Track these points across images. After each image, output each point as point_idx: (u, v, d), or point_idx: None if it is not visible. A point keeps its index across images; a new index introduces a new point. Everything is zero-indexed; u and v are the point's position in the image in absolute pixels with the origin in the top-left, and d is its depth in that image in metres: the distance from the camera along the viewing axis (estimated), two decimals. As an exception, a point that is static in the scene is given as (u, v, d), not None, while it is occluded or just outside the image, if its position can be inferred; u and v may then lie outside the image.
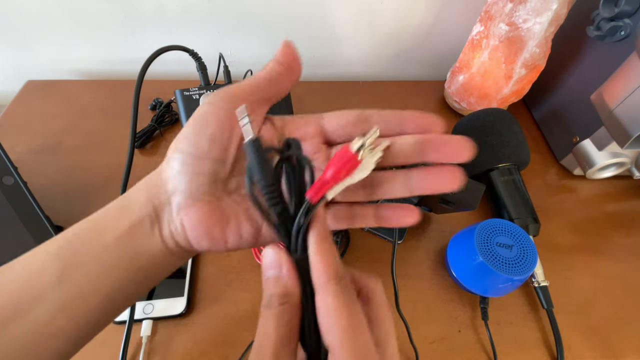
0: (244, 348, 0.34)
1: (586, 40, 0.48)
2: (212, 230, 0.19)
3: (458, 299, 0.39)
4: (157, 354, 0.34)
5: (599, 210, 0.49)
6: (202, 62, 0.41)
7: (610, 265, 0.43)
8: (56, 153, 0.49)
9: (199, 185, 0.19)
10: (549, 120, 0.56)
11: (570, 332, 0.37)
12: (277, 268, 0.18)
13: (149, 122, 0.53)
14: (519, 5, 0.45)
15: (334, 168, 0.18)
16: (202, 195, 0.19)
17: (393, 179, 0.21)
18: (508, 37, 0.47)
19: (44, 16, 0.55)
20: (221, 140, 0.19)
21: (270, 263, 0.18)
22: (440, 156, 0.19)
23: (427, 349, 0.36)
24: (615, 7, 0.41)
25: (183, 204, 0.19)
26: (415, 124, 0.20)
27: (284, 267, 0.18)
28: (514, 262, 0.34)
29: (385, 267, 0.40)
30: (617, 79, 0.41)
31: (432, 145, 0.19)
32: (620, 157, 0.46)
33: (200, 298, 0.37)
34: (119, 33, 0.58)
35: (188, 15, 0.57)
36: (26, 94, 0.57)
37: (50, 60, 0.61)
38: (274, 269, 0.18)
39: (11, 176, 0.36)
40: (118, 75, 0.63)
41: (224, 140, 0.19)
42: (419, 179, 0.20)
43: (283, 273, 0.18)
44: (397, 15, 0.60)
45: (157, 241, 0.19)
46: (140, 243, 0.19)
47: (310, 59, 0.64)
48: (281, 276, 0.18)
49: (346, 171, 0.18)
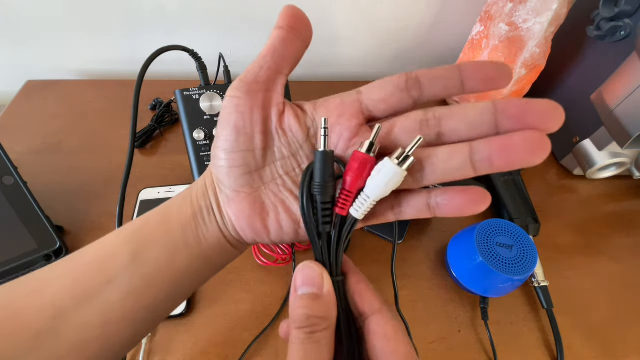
0: (244, 348, 0.34)
1: (586, 40, 0.48)
2: (253, 222, 0.20)
3: (458, 299, 0.39)
4: (157, 354, 0.34)
5: (599, 210, 0.49)
6: (202, 62, 0.41)
7: (610, 265, 0.43)
8: (56, 153, 0.49)
9: (236, 178, 0.20)
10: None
11: (570, 332, 0.37)
12: (317, 286, 0.17)
13: (149, 122, 0.53)
14: (519, 5, 0.45)
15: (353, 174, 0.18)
16: (241, 188, 0.20)
17: (450, 156, 0.17)
18: (508, 37, 0.47)
19: (44, 16, 0.55)
20: (244, 130, 0.19)
21: (307, 279, 0.18)
22: (522, 126, 0.16)
23: (427, 349, 0.36)
24: (615, 7, 0.41)
25: (228, 196, 0.20)
26: (479, 78, 0.17)
27: (326, 286, 0.17)
28: (514, 262, 0.34)
29: (385, 267, 0.40)
30: (617, 79, 0.41)
31: (508, 112, 0.16)
32: (620, 157, 0.46)
33: (200, 298, 0.37)
34: (119, 33, 0.58)
35: (188, 15, 0.57)
36: (26, 94, 0.57)
37: (50, 60, 0.61)
38: (312, 286, 0.17)
39: (11, 176, 0.36)
40: (118, 75, 0.63)
41: (247, 129, 0.19)
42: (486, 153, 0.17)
43: (325, 292, 0.17)
44: (397, 15, 0.60)
45: (215, 229, 0.20)
46: (200, 230, 0.20)
47: (310, 59, 0.64)
48: (322, 295, 0.17)
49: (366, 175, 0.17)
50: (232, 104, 0.19)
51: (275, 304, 0.37)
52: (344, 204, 0.18)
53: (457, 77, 0.17)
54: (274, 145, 0.20)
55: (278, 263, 0.39)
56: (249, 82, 0.19)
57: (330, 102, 0.20)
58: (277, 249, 0.39)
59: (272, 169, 0.20)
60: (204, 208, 0.21)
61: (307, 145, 0.21)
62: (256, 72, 0.19)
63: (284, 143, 0.20)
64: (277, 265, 0.39)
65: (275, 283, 0.39)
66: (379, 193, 0.17)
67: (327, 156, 0.18)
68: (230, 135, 0.19)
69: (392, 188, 0.17)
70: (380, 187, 0.17)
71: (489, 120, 0.17)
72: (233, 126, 0.19)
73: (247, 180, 0.20)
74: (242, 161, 0.19)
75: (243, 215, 0.20)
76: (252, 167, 0.20)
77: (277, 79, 0.20)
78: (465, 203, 0.17)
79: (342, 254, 0.19)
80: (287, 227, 0.20)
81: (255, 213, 0.20)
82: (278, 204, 0.20)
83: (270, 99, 0.20)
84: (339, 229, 0.18)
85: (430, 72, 0.18)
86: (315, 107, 0.21)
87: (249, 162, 0.20)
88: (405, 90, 0.19)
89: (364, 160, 0.17)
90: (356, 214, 0.18)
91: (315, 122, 0.20)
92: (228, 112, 0.19)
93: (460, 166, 0.17)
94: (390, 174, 0.17)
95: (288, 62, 0.20)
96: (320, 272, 0.18)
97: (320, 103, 0.21)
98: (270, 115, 0.20)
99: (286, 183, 0.20)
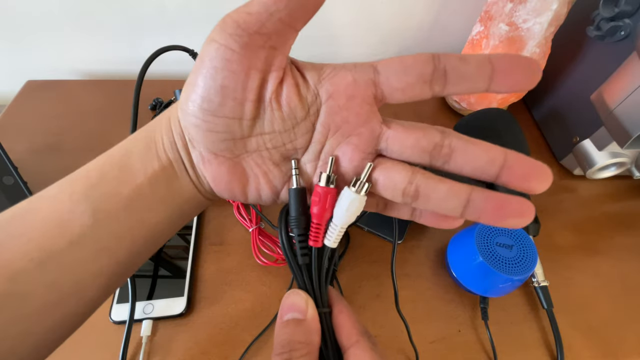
0: (244, 348, 0.34)
1: (586, 40, 0.48)
2: (232, 186, 0.19)
3: (458, 299, 0.39)
4: (157, 354, 0.34)
5: (599, 210, 0.49)
6: (202, 62, 0.41)
7: (610, 265, 0.43)
8: (56, 153, 0.49)
9: (214, 142, 0.17)
10: (549, 120, 0.56)
11: (570, 332, 0.37)
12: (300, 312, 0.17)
13: (148, 122, 0.52)
14: (519, 5, 0.45)
15: (317, 207, 0.18)
16: (220, 152, 0.18)
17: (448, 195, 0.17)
18: (508, 37, 0.47)
19: (44, 16, 0.55)
20: (234, 92, 0.16)
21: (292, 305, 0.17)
22: (519, 186, 0.16)
23: (427, 349, 0.36)
24: (615, 7, 0.41)
25: (203, 156, 0.18)
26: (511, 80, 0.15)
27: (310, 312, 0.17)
28: (514, 262, 0.34)
29: (385, 267, 0.40)
30: (617, 79, 0.41)
31: (515, 171, 0.16)
32: (620, 157, 0.46)
33: (200, 298, 0.37)
34: (119, 33, 0.58)
35: (188, 15, 0.57)
36: (26, 94, 0.57)
37: (50, 60, 0.61)
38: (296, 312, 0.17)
39: (11, 176, 0.36)
40: (118, 75, 0.63)
41: (237, 94, 0.16)
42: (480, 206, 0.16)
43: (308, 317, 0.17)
44: (397, 15, 0.60)
45: (188, 183, 0.19)
46: (174, 184, 0.18)
47: (310, 58, 0.64)
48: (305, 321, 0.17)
49: (329, 206, 0.18)
50: (223, 56, 0.15)
51: (275, 304, 0.37)
52: (316, 235, 0.18)
53: (487, 77, 0.16)
54: (264, 117, 0.17)
55: (278, 263, 0.39)
56: (251, 31, 0.15)
57: (340, 76, 0.17)
58: (277, 249, 0.39)
59: (259, 140, 0.18)
60: (174, 161, 0.18)
61: (305, 124, 0.18)
62: (262, 20, 0.15)
63: (277, 117, 0.17)
64: (277, 265, 0.39)
65: (275, 283, 0.39)
66: (345, 220, 0.18)
67: (298, 193, 0.19)
68: (214, 96, 0.16)
69: (356, 213, 0.18)
70: (343, 215, 0.18)
71: (494, 171, 0.16)
72: (220, 86, 0.16)
73: (228, 146, 0.18)
74: (225, 128, 0.17)
75: (221, 179, 0.18)
76: (235, 135, 0.17)
77: (288, 35, 0.16)
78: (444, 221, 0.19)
79: (325, 285, 0.19)
80: (266, 196, 0.19)
81: (235, 179, 0.18)
82: (260, 175, 0.19)
83: (272, 61, 0.16)
84: (318, 260, 0.19)
85: (460, 66, 0.16)
86: (321, 79, 0.17)
87: (233, 130, 0.17)
88: (429, 83, 0.16)
89: (324, 193, 0.18)
90: (329, 243, 0.19)
91: (319, 98, 0.17)
92: (214, 66, 0.16)
93: (452, 208, 0.17)
94: (348, 201, 0.18)
95: (305, 12, 0.15)
96: (305, 299, 0.18)
97: (328, 74, 0.17)
98: (268, 81, 0.17)
99: (273, 156, 0.18)
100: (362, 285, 0.39)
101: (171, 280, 0.38)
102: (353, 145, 0.18)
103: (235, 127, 0.17)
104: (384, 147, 0.18)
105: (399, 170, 0.17)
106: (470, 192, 0.16)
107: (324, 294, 0.19)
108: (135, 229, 0.18)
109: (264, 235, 0.40)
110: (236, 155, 0.18)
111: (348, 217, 0.18)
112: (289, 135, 0.18)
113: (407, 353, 0.35)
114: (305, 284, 0.19)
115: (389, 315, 0.37)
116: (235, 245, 0.41)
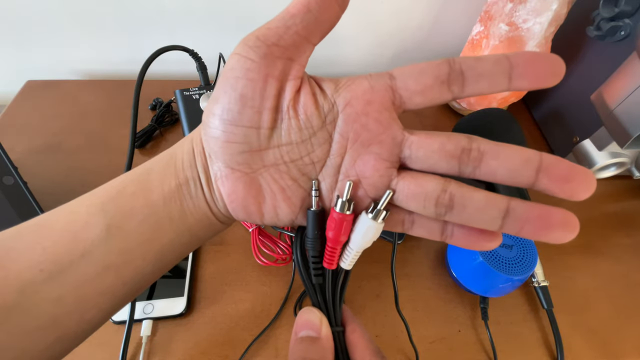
0: (244, 348, 0.34)
1: (586, 40, 0.48)
2: (247, 204, 0.18)
3: (458, 299, 0.39)
4: (157, 354, 0.34)
5: (599, 210, 0.49)
6: (202, 62, 0.41)
7: (610, 265, 0.43)
8: (56, 153, 0.49)
9: (233, 155, 0.17)
10: (549, 120, 0.56)
11: (570, 332, 0.37)
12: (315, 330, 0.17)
13: (149, 122, 0.53)
14: (519, 5, 0.45)
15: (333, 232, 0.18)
16: (237, 166, 0.17)
17: (486, 205, 0.16)
18: (508, 37, 0.47)
19: (44, 16, 0.55)
20: (252, 102, 0.16)
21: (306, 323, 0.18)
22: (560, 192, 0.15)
23: (427, 349, 0.36)
24: (615, 7, 0.41)
25: (220, 172, 0.18)
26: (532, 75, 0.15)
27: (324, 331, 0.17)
28: (514, 262, 0.34)
29: (385, 267, 0.40)
30: (617, 79, 0.41)
31: (554, 172, 0.15)
32: (620, 157, 0.46)
33: (200, 298, 0.37)
34: (119, 33, 0.58)
35: (188, 15, 0.57)
36: (26, 94, 0.57)
37: (50, 60, 0.61)
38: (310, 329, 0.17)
39: (11, 176, 0.36)
40: (118, 75, 0.63)
41: (256, 101, 0.16)
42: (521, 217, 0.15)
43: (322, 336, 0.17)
44: (397, 16, 0.60)
45: (202, 203, 0.19)
46: (187, 203, 0.18)
47: (310, 58, 0.64)
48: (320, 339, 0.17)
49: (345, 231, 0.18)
50: (242, 66, 0.16)
51: (275, 304, 0.37)
52: (331, 258, 0.18)
53: (506, 73, 0.15)
54: (281, 126, 0.17)
55: (278, 263, 0.39)
56: (269, 43, 0.16)
57: (356, 84, 0.17)
58: (277, 249, 0.39)
59: (276, 153, 0.18)
60: (190, 180, 0.18)
61: (322, 134, 0.17)
62: (280, 33, 0.16)
63: (293, 127, 0.17)
64: (277, 265, 0.39)
65: (275, 283, 0.39)
66: (362, 245, 0.18)
67: (316, 216, 0.18)
68: (234, 105, 0.16)
69: (373, 239, 0.18)
70: (359, 240, 0.18)
71: (531, 174, 0.15)
72: (240, 94, 0.16)
73: (245, 159, 0.17)
74: (243, 138, 0.17)
75: (236, 195, 0.18)
76: (253, 147, 0.17)
77: (304, 48, 0.17)
78: (479, 240, 0.17)
79: (339, 304, 0.19)
80: (283, 215, 0.19)
81: (251, 196, 0.18)
82: (277, 191, 0.18)
83: (289, 70, 0.17)
84: (333, 280, 0.19)
85: (476, 64, 0.15)
86: (338, 88, 0.17)
87: (251, 140, 0.17)
88: (446, 84, 0.16)
89: (340, 220, 0.17)
90: (345, 265, 0.19)
91: (335, 107, 0.17)
92: (235, 76, 0.16)
93: (490, 219, 0.15)
94: (365, 228, 0.17)
95: (321, 28, 0.16)
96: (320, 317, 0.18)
97: (344, 84, 0.17)
98: (285, 90, 0.17)
99: (290, 171, 0.18)
100: (362, 285, 0.39)
101: (171, 280, 0.38)
102: (375, 154, 0.17)
103: (253, 137, 0.17)
104: (408, 155, 0.17)
105: (430, 178, 0.16)
106: (509, 201, 0.15)
107: (338, 313, 0.19)
108: (144, 246, 0.18)
109: (264, 235, 0.40)
110: (253, 170, 0.18)
111: (365, 243, 0.18)
112: (306, 147, 0.18)
113: (407, 353, 0.35)
114: (319, 302, 0.19)
115: (389, 315, 0.37)
116: (235, 245, 0.41)
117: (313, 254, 0.19)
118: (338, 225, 0.17)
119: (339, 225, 0.17)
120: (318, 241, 0.18)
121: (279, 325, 0.36)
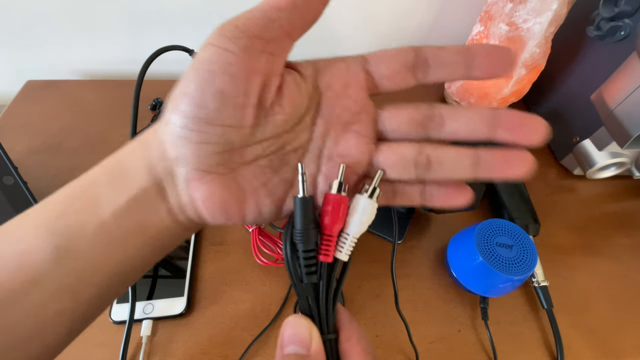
0: (244, 348, 0.34)
1: (586, 40, 0.48)
2: (227, 207, 0.16)
3: (458, 299, 0.39)
4: (157, 354, 0.34)
5: (599, 210, 0.49)
6: (202, 62, 0.41)
7: (610, 265, 0.43)
8: (56, 153, 0.49)
9: (207, 156, 0.16)
10: (549, 120, 0.55)
11: (570, 332, 0.37)
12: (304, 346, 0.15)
13: (149, 122, 0.53)
14: (519, 5, 0.45)
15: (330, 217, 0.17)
16: (212, 168, 0.16)
17: (458, 158, 0.17)
18: (508, 37, 0.47)
19: (44, 16, 0.55)
20: (234, 98, 0.15)
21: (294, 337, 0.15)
22: (515, 138, 0.17)
23: (427, 349, 0.36)
24: (615, 7, 0.41)
25: (191, 176, 0.16)
26: (488, 66, 0.17)
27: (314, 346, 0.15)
28: (514, 262, 0.34)
29: (385, 267, 0.40)
30: (617, 79, 0.41)
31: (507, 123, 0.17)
32: (620, 157, 0.46)
33: (200, 298, 0.37)
34: (119, 33, 0.58)
35: (188, 15, 0.57)
36: (26, 94, 0.57)
37: (50, 60, 0.61)
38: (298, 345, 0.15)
39: (11, 176, 0.36)
40: (118, 75, 0.63)
41: (239, 97, 0.15)
42: (489, 161, 0.17)
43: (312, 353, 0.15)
44: (397, 16, 0.60)
45: (163, 215, 0.17)
46: (144, 217, 0.16)
47: (309, 58, 0.64)
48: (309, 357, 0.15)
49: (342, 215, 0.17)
50: (222, 59, 0.15)
51: (275, 304, 0.37)
52: (327, 249, 0.17)
53: (466, 63, 0.17)
54: (264, 121, 0.16)
55: (278, 263, 0.39)
56: (251, 35, 0.15)
57: (334, 67, 0.18)
58: (277, 248, 0.39)
59: (257, 149, 0.16)
60: (148, 191, 0.16)
61: (305, 120, 0.17)
62: (264, 25, 0.15)
63: (278, 120, 0.16)
64: (277, 265, 0.39)
65: (275, 283, 0.39)
66: (359, 229, 0.17)
67: (306, 203, 0.17)
68: (210, 102, 0.15)
69: (368, 222, 0.17)
70: (358, 223, 0.17)
71: (487, 128, 0.17)
72: (217, 90, 0.15)
73: (222, 159, 0.16)
74: (221, 138, 0.15)
75: (214, 200, 0.16)
76: (234, 145, 0.16)
77: (285, 44, 0.16)
78: (455, 195, 0.18)
79: (333, 306, 0.17)
80: (267, 212, 0.17)
81: (231, 198, 0.16)
82: (259, 187, 0.17)
83: (272, 66, 0.16)
84: (327, 277, 0.17)
85: (439, 53, 0.17)
86: (317, 71, 0.18)
87: (231, 140, 0.15)
88: (412, 70, 0.17)
89: (338, 201, 0.16)
90: (342, 255, 0.17)
91: (318, 90, 0.17)
92: (209, 69, 0.15)
93: (464, 168, 0.17)
94: (362, 207, 0.17)
95: (303, 25, 0.16)
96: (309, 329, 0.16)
97: (323, 67, 0.18)
98: (268, 85, 0.16)
99: (272, 163, 0.17)
100: (362, 285, 0.39)
101: (171, 280, 0.38)
102: (355, 132, 0.18)
103: (232, 136, 0.16)
104: (382, 129, 0.18)
105: (405, 145, 0.18)
106: (476, 150, 0.17)
107: (331, 318, 0.17)
108: (100, 266, 0.16)
109: (264, 235, 0.40)
110: (231, 170, 0.16)
111: (362, 225, 0.17)
112: (289, 135, 0.17)
113: (407, 353, 0.35)
114: (310, 307, 0.17)
115: (389, 315, 0.37)
116: (235, 245, 0.41)
117: (305, 247, 0.16)
118: (336, 207, 0.16)
119: (337, 208, 0.16)
120: (312, 232, 0.16)
121: (279, 325, 0.36)
